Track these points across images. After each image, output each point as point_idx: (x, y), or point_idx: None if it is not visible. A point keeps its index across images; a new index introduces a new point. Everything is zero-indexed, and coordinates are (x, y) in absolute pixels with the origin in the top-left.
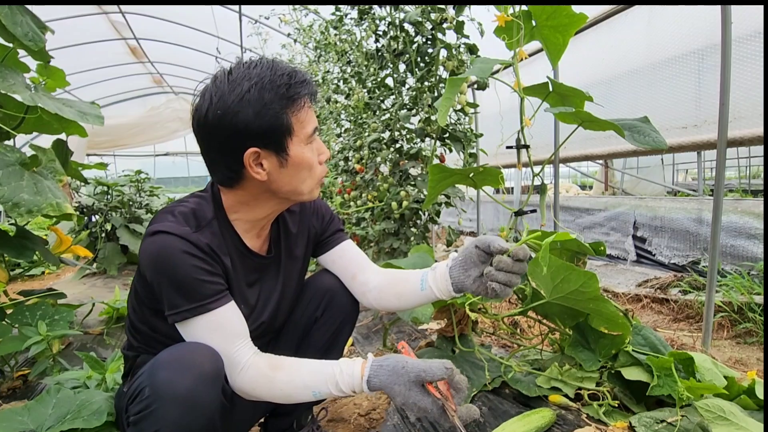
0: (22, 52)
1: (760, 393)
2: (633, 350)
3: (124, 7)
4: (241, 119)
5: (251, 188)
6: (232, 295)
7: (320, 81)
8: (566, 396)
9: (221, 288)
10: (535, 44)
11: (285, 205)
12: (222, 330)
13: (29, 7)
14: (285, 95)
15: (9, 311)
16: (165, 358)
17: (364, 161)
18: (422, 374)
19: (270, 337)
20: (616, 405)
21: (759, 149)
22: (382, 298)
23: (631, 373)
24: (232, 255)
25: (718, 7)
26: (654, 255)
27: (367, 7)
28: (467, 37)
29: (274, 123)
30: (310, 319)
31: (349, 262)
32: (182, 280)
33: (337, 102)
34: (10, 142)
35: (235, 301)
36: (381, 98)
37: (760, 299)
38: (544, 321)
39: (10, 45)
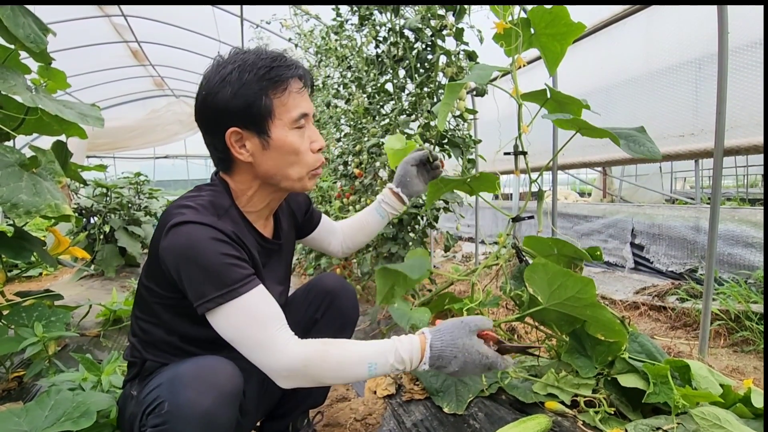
0: (23, 54)
1: (755, 401)
2: (629, 357)
3: (126, 10)
4: (220, 99)
5: (244, 173)
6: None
7: (320, 86)
8: (562, 402)
9: (249, 272)
10: (534, 52)
11: (281, 194)
12: (255, 315)
13: (31, 8)
14: (265, 77)
15: (5, 312)
16: (185, 374)
17: (363, 166)
18: (479, 323)
19: None
20: (612, 412)
21: (756, 158)
22: (354, 242)
23: (628, 381)
24: (250, 241)
25: (716, 16)
26: (652, 262)
27: (367, 13)
28: (467, 44)
29: (252, 103)
30: (310, 321)
31: (327, 233)
32: (212, 267)
33: (336, 107)
34: (9, 143)
35: None
36: (381, 103)
37: (757, 308)
38: (541, 327)
39: (12, 46)
